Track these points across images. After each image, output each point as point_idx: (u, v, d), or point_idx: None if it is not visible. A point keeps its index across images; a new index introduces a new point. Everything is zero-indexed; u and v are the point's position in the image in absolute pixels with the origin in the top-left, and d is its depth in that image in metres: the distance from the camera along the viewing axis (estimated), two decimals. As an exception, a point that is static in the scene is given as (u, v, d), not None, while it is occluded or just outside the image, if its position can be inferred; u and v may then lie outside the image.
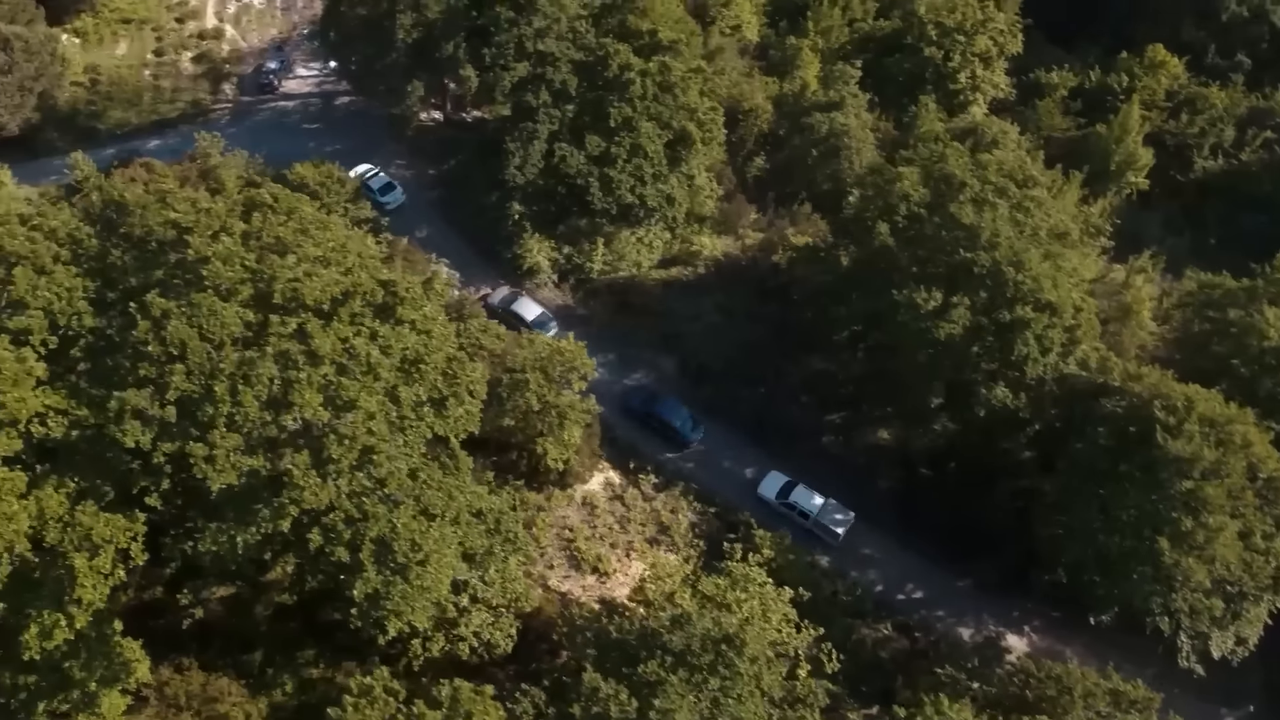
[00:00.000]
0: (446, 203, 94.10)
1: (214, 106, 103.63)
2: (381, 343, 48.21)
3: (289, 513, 45.61)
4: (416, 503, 46.92)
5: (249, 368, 44.97)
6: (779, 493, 78.43)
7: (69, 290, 47.64)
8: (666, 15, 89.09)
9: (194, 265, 46.73)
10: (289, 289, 47.21)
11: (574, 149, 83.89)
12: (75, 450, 47.33)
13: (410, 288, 50.79)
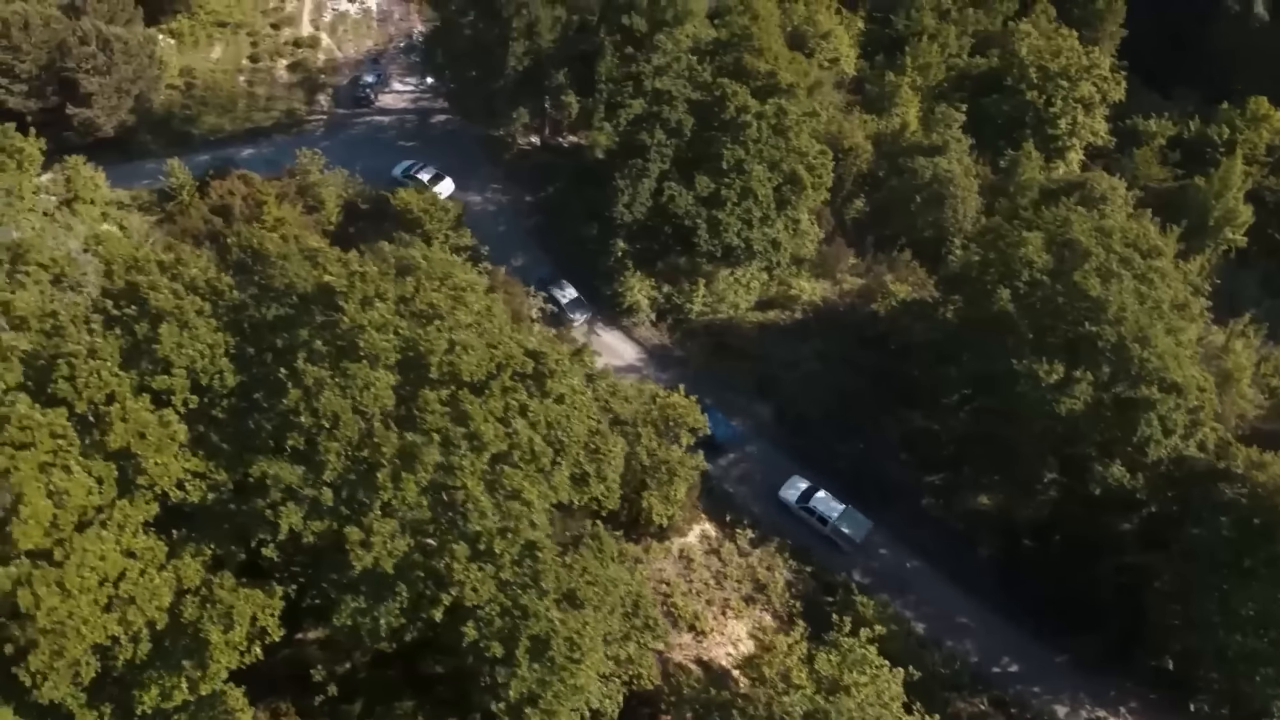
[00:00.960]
0: (543, 231, 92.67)
1: (308, 117, 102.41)
2: (532, 417, 46.64)
3: (443, 602, 44.20)
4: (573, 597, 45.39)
5: (413, 453, 43.45)
6: (800, 497, 77.82)
7: (211, 347, 46.29)
8: (782, 54, 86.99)
9: (349, 333, 45.22)
10: (445, 363, 45.71)
11: (683, 189, 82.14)
12: (210, 514, 46.06)
13: (559, 360, 49.21)
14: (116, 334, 45.87)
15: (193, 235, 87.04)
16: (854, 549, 78.20)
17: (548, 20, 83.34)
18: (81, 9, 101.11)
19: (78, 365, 43.58)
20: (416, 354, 45.82)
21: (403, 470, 43.08)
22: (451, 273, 50.96)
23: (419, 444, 43.45)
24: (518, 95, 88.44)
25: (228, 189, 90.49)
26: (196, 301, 46.38)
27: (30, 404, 42.90)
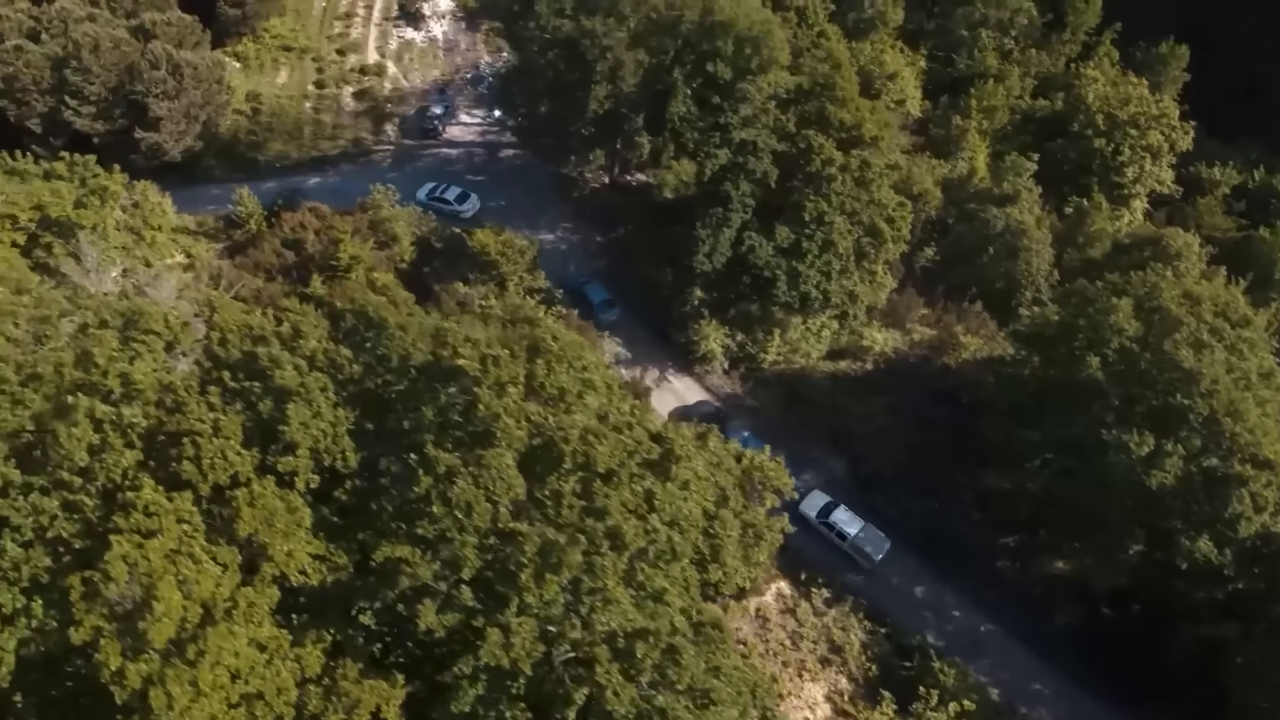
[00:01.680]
0: (614, 272, 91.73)
1: (375, 147, 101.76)
2: (659, 505, 45.75)
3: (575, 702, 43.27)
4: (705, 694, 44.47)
5: (555, 552, 42.51)
6: (820, 512, 77.79)
7: (333, 424, 45.44)
8: (862, 104, 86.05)
9: (482, 420, 44.29)
10: (579, 452, 44.81)
11: (763, 239, 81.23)
12: (331, 598, 45.20)
13: (684, 445, 48.29)
14: (237, 409, 44.98)
15: (265, 269, 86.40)
16: (872, 566, 78.31)
17: (631, 65, 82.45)
18: (151, 32, 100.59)
19: (202, 445, 42.72)
20: (548, 441, 44.92)
21: (546, 571, 42.17)
22: (582, 355, 50.00)
23: (562, 544, 42.52)
24: (595, 136, 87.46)
25: (299, 221, 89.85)
26: (320, 378, 45.45)
27: (154, 487, 42.04)
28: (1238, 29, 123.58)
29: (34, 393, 44.70)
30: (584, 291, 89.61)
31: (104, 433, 43.14)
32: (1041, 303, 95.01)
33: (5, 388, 44.64)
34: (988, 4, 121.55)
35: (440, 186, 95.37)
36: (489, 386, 44.44)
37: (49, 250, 69.72)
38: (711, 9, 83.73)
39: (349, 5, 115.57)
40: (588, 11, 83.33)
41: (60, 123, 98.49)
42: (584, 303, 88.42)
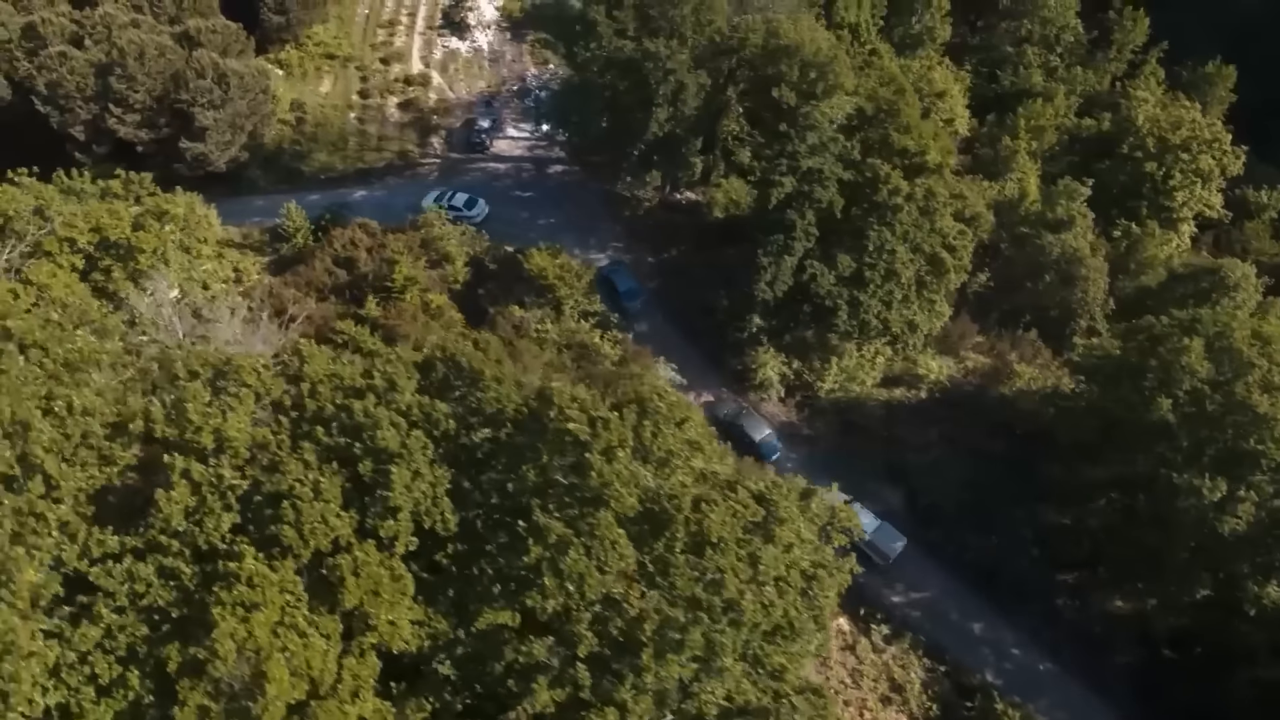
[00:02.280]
0: (666, 294, 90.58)
1: (421, 160, 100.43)
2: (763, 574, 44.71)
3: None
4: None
5: (675, 629, 41.44)
6: None
7: (433, 485, 44.32)
8: (925, 129, 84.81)
9: (594, 487, 43.12)
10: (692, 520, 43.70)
11: (826, 268, 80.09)
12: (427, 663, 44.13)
13: (788, 507, 47.23)
14: (333, 468, 43.83)
15: (317, 288, 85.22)
16: (887, 565, 78.05)
17: (693, 87, 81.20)
18: (196, 39, 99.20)
19: (304, 509, 41.58)
20: (660, 509, 43.81)
21: (666, 650, 41.13)
22: (689, 416, 48.87)
23: (683, 622, 41.44)
24: (652, 158, 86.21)
25: (350, 238, 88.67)
26: (420, 438, 44.28)
27: (255, 555, 40.91)
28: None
29: (123, 449, 43.55)
30: (610, 279, 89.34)
31: (201, 494, 42.02)
32: (1096, 331, 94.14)
33: (93, 442, 43.45)
34: (1033, 20, 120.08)
35: (447, 193, 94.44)
36: (600, 452, 43.28)
37: (108, 274, 68.30)
38: (776, 32, 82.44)
39: (392, 13, 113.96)
40: (650, 33, 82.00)
41: (104, 130, 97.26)
42: (610, 290, 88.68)
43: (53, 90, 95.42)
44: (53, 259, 66.58)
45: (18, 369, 43.09)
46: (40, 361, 45.12)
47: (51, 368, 44.92)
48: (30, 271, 63.81)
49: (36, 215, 67.94)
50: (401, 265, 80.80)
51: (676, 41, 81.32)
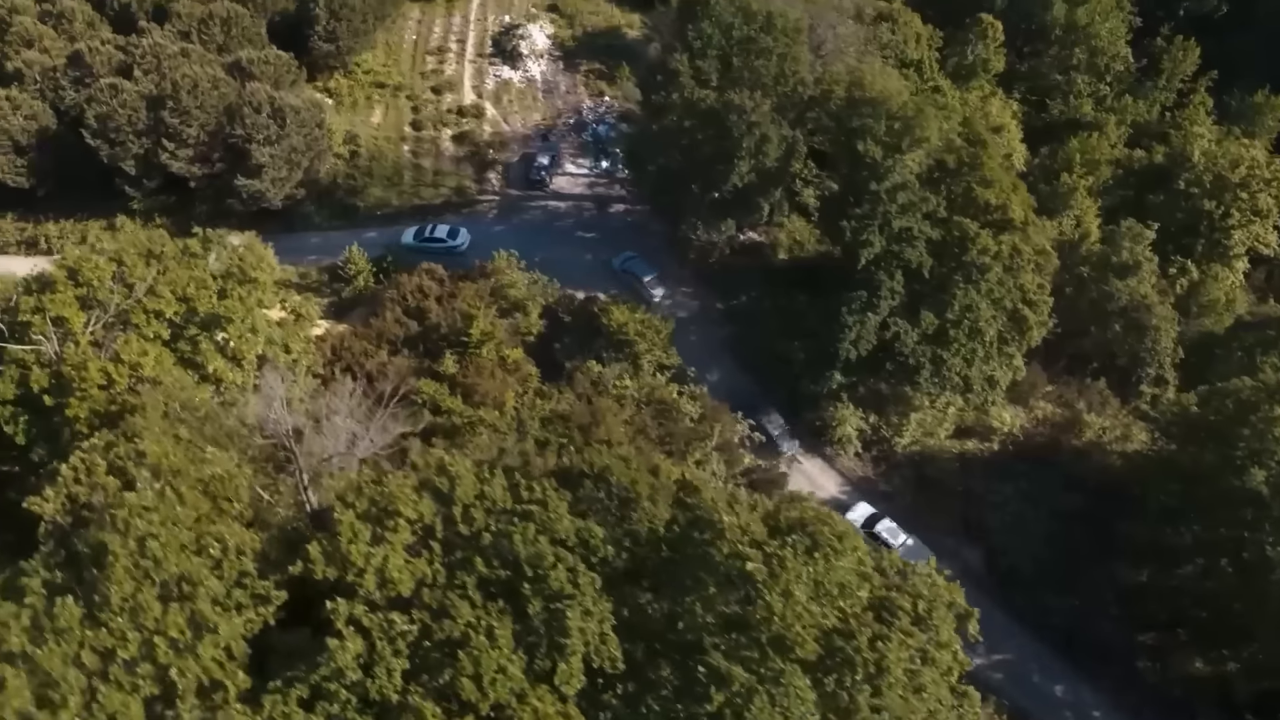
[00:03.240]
0: (737, 343, 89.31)
1: (479, 197, 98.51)
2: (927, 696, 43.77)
3: None
4: None
5: None
6: (865, 523, 78.77)
7: (600, 621, 43.05)
8: (1005, 181, 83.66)
9: (776, 632, 41.93)
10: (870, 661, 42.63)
11: (909, 325, 79.09)
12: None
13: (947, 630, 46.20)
14: (500, 606, 42.47)
15: (388, 340, 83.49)
16: None
17: (776, 140, 79.79)
18: (249, 71, 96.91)
19: (482, 660, 40.18)
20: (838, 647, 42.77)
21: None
22: (857, 544, 47.67)
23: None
24: (730, 207, 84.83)
25: (417, 285, 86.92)
26: (591, 577, 42.97)
27: (435, 713, 39.48)
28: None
29: (278, 588, 42.01)
30: (631, 270, 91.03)
31: (372, 640, 40.63)
32: (1164, 379, 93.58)
33: (246, 582, 41.90)
34: (1083, 48, 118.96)
35: (428, 226, 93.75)
36: (778, 593, 42.13)
37: (194, 345, 66.42)
38: (860, 82, 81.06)
39: (440, 39, 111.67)
40: (732, 82, 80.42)
41: (155, 164, 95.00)
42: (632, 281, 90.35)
43: (103, 123, 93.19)
44: (139, 330, 64.52)
45: (166, 509, 41.40)
46: (180, 491, 43.42)
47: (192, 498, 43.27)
48: (121, 349, 61.79)
49: (119, 282, 65.57)
50: (479, 321, 79.17)
51: (760, 93, 79.65)
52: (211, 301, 66.18)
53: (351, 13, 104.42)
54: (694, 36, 79.71)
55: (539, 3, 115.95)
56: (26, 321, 63.06)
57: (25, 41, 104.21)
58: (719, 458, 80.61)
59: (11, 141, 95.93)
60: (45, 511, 47.05)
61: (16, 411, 63.43)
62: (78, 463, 47.98)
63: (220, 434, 54.59)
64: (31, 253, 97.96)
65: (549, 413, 78.28)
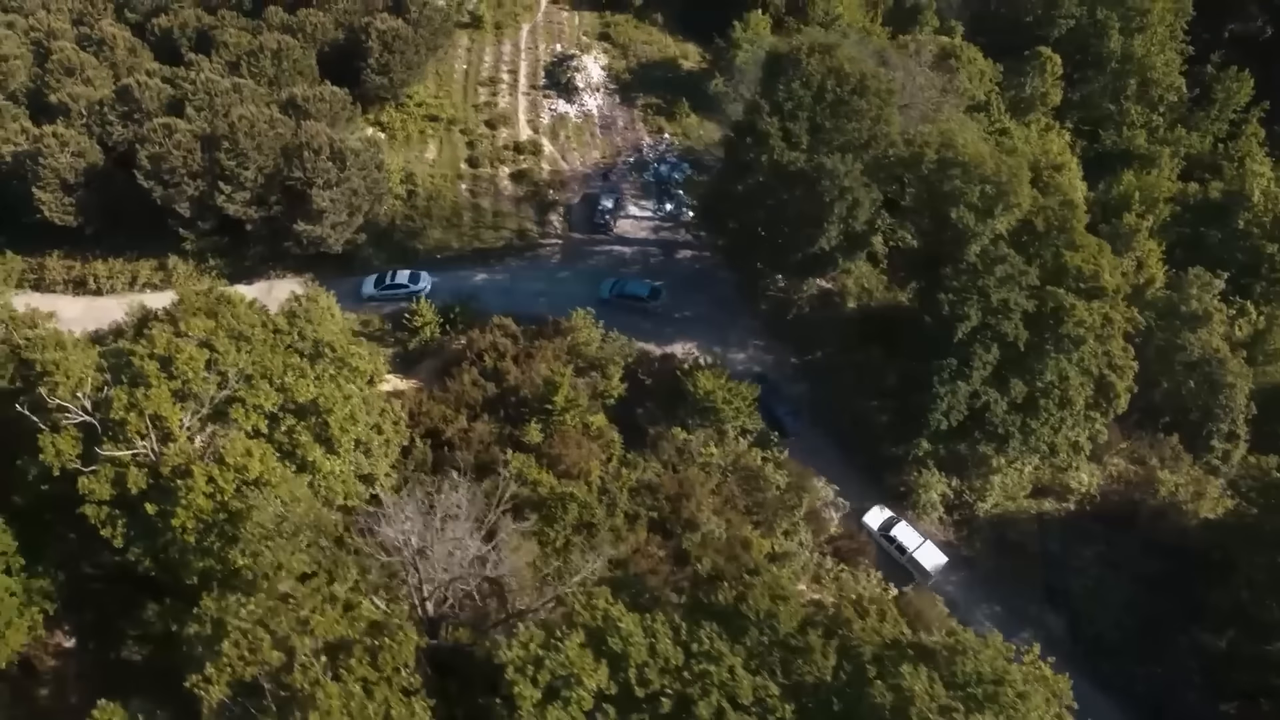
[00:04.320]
0: (814, 400, 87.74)
1: (542, 241, 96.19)
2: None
3: None
4: None
5: None
6: (882, 526, 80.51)
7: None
8: (1089, 244, 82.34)
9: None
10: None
11: (999, 394, 77.92)
12: None
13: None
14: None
15: (467, 404, 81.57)
16: (927, 581, 79.03)
17: (867, 204, 78.08)
18: (304, 109, 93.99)
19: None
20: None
21: None
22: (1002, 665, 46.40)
23: None
24: (811, 265, 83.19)
25: (492, 343, 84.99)
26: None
27: None
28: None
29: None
30: (627, 293, 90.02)
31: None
32: (1237, 434, 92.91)
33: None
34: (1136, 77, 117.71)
35: (388, 273, 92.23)
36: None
37: (291, 435, 64.34)
38: (951, 143, 79.43)
39: (492, 70, 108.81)
40: (823, 142, 78.53)
41: (209, 206, 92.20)
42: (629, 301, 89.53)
43: (156, 164, 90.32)
44: (238, 424, 62.39)
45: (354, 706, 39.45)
46: (352, 666, 41.56)
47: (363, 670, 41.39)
48: (226, 452, 59.66)
49: (212, 371, 63.29)
50: (563, 388, 77.27)
51: (852, 156, 77.85)
52: (309, 389, 63.89)
53: (404, 44, 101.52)
54: (784, 97, 77.43)
55: (590, 31, 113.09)
56: (122, 420, 60.60)
57: (66, 70, 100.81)
58: (806, 527, 79.44)
59: (59, 179, 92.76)
60: (211, 697, 45.16)
61: (113, 513, 61.31)
62: (239, 638, 46.01)
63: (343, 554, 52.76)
64: (80, 292, 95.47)
65: (636, 483, 76.89)
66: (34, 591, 66.15)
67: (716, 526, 75.01)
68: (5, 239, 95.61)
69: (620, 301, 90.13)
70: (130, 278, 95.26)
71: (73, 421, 61.80)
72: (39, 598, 66.54)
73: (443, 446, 78.43)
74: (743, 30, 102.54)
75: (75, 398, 61.51)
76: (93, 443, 62.77)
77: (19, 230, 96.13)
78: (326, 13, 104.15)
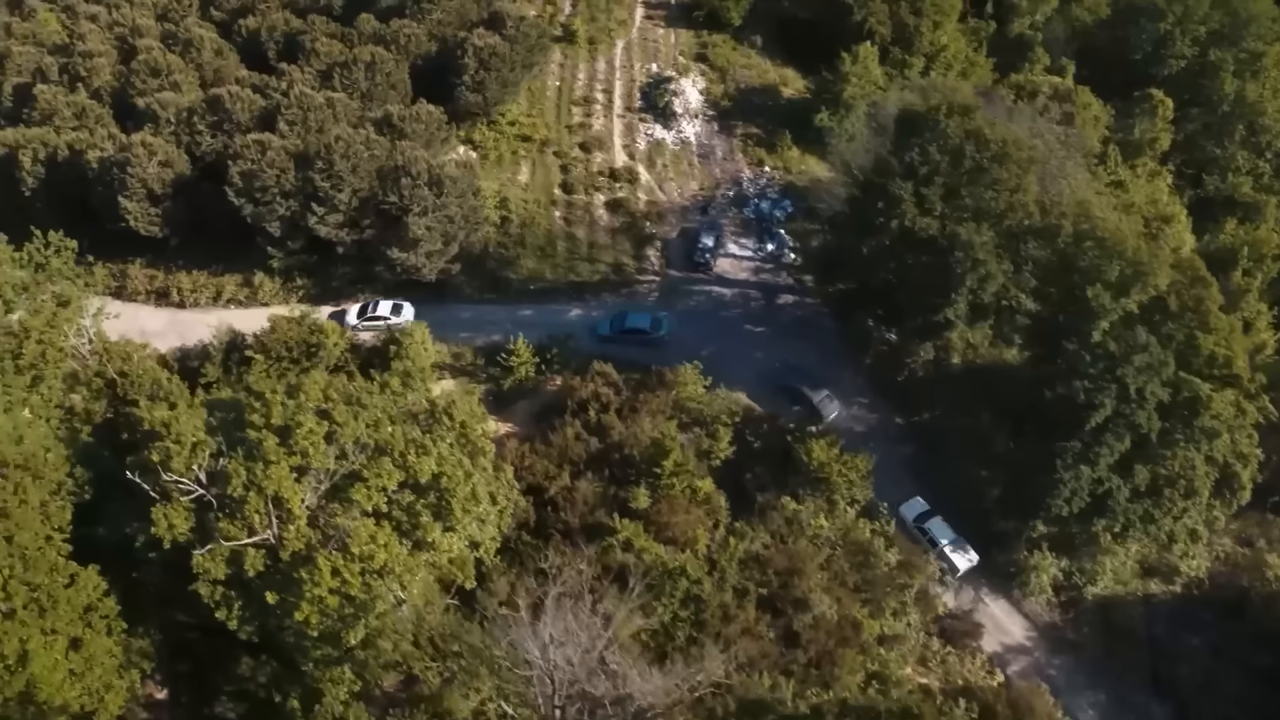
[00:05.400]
0: (920, 464, 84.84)
1: (638, 277, 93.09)
2: None
3: None
4: None
5: None
6: (917, 517, 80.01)
7: None
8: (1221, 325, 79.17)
9: None
10: None
11: (1122, 481, 75.15)
12: None
13: None
14: None
15: (570, 461, 78.92)
16: (955, 577, 79.19)
17: (999, 276, 74.94)
18: (400, 129, 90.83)
19: None
20: None
21: None
22: None
23: None
24: (931, 330, 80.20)
25: (594, 393, 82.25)
26: None
27: None
28: None
29: None
30: (629, 328, 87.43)
31: None
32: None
33: None
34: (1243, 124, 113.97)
35: (370, 304, 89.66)
36: None
37: (410, 512, 61.75)
38: (1088, 214, 76.23)
39: (585, 88, 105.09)
40: (957, 209, 75.26)
41: (300, 226, 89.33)
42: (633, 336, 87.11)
43: (248, 181, 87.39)
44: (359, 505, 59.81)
45: None
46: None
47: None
48: (351, 540, 57.13)
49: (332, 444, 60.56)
50: (674, 452, 74.54)
51: (987, 225, 74.61)
52: (431, 466, 61.20)
53: (501, 62, 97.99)
54: (920, 162, 74.05)
55: (686, 51, 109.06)
56: (240, 498, 58.03)
57: (152, 71, 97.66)
58: (915, 606, 77.10)
59: (146, 189, 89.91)
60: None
61: (228, 594, 58.96)
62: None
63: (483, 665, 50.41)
64: (162, 303, 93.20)
65: (744, 555, 74.57)
66: (134, 652, 63.92)
67: (828, 608, 72.57)
68: (88, 243, 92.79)
69: (624, 337, 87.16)
70: (215, 292, 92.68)
71: (186, 493, 59.10)
72: (138, 658, 64.33)
73: (546, 505, 75.86)
74: (851, 64, 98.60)
75: (189, 469, 58.75)
76: (204, 510, 60.33)
77: (101, 235, 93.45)
78: (420, 24, 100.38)
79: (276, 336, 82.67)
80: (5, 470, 58.25)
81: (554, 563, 62.28)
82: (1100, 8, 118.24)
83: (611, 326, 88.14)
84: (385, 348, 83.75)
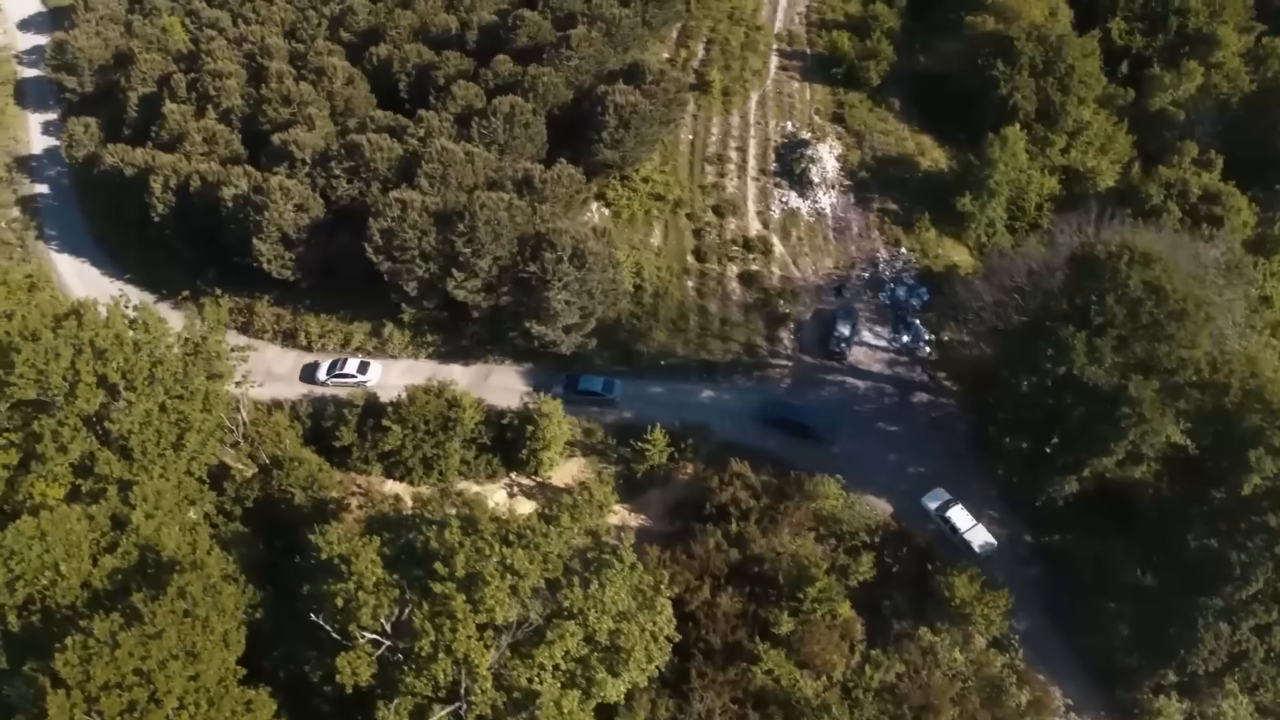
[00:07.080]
0: (1049, 587, 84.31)
1: (770, 360, 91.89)
2: None
3: None
4: None
5: None
6: (939, 507, 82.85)
7: None
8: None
9: None
10: None
11: (1259, 642, 75.36)
12: None
13: None
14: None
15: (711, 574, 78.75)
16: (976, 560, 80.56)
17: (1163, 430, 74.20)
18: (540, 191, 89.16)
19: None
20: None
21: None
22: None
23: None
24: (1076, 467, 79.45)
25: (732, 497, 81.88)
26: None
27: None
28: None
29: None
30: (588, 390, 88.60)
31: None
32: None
33: None
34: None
35: (339, 361, 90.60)
36: None
37: (585, 665, 61.68)
38: (1256, 371, 75.12)
39: (719, 144, 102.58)
40: (1125, 358, 74.10)
41: (437, 288, 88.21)
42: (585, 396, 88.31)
43: (387, 240, 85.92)
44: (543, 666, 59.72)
45: None
46: None
47: None
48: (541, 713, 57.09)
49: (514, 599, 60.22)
50: (820, 580, 74.45)
51: (1157, 376, 73.57)
52: (609, 625, 61.01)
53: (641, 120, 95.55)
54: (1096, 312, 72.68)
55: (822, 110, 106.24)
56: (430, 655, 57.89)
57: (284, 100, 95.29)
58: (1043, 751, 77.54)
59: (280, 233, 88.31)
60: None
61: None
62: None
63: None
64: (289, 344, 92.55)
65: (879, 684, 74.83)
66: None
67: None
68: (215, 273, 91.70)
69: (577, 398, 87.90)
70: (343, 339, 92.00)
71: (369, 642, 58.95)
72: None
73: (687, 619, 75.78)
74: (1000, 149, 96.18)
75: (375, 620, 58.49)
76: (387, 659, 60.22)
77: (228, 267, 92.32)
78: (558, 71, 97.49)
79: (415, 409, 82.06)
80: (194, 610, 57.79)
81: (696, 686, 62.69)
82: (1239, 77, 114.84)
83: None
84: (520, 424, 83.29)
